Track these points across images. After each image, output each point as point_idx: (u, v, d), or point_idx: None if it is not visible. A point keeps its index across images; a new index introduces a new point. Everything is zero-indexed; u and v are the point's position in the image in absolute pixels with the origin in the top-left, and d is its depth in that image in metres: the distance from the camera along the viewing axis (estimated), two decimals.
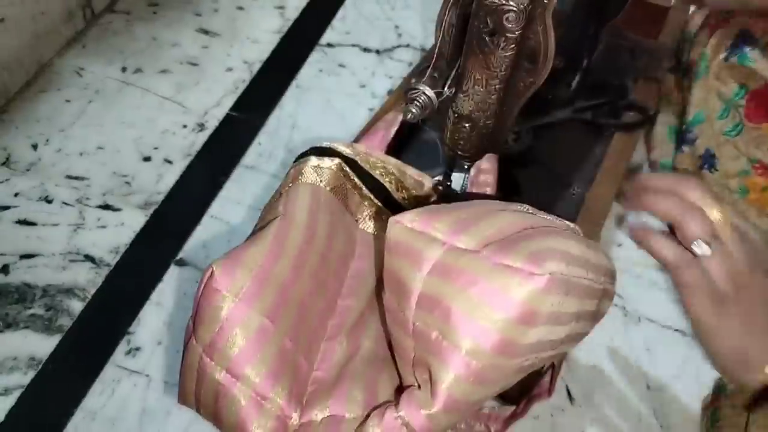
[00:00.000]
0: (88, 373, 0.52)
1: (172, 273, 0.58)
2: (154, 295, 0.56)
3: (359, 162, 0.49)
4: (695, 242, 0.37)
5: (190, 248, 0.60)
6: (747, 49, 0.58)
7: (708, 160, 0.59)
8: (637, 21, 0.72)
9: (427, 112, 0.47)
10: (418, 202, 0.52)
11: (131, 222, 0.61)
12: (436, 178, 0.55)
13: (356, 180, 0.49)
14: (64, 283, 0.57)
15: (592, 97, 0.66)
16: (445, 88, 0.46)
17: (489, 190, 0.50)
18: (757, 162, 0.56)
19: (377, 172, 0.50)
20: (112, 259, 0.58)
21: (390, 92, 0.73)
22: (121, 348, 0.53)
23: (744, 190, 0.56)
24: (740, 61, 0.58)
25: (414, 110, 0.46)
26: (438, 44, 0.45)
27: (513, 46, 0.41)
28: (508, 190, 0.59)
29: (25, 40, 0.71)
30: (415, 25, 0.82)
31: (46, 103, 0.71)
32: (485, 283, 0.32)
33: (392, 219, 0.36)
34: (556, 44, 0.41)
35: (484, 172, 0.51)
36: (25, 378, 0.51)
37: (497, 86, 0.44)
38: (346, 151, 0.49)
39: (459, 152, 0.50)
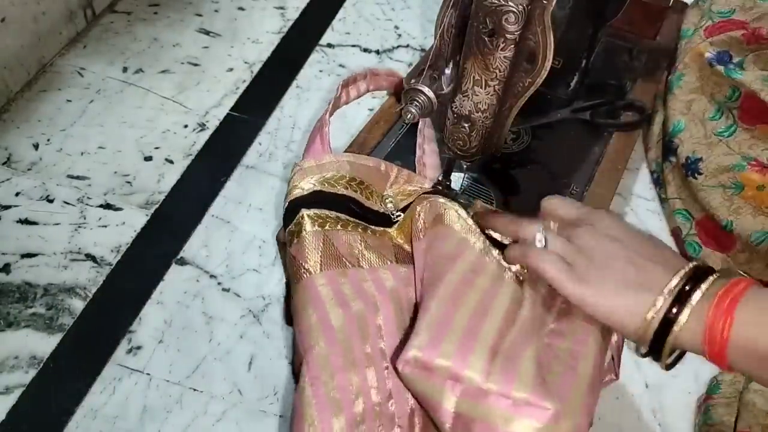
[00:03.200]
0: (89, 371, 0.52)
1: (173, 272, 0.58)
2: (155, 294, 0.57)
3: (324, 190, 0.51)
4: (536, 240, 0.43)
5: (190, 247, 0.60)
6: (731, 66, 0.59)
7: (690, 167, 0.60)
8: (635, 21, 0.73)
9: (427, 112, 0.47)
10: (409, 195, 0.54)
11: (132, 221, 0.61)
12: (436, 179, 0.56)
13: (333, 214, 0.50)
14: (65, 282, 0.57)
15: (591, 97, 0.67)
16: (445, 89, 0.46)
17: (428, 166, 0.56)
18: (753, 160, 0.56)
19: (339, 188, 0.51)
20: (114, 259, 0.59)
21: (390, 92, 0.73)
22: (122, 347, 0.53)
23: (738, 185, 0.56)
24: (727, 73, 0.58)
25: (413, 110, 0.46)
26: (437, 45, 0.45)
27: (512, 46, 0.42)
28: (507, 190, 0.59)
29: (26, 39, 0.71)
30: (414, 26, 0.83)
31: (47, 103, 0.71)
32: (504, 429, 0.38)
33: (399, 360, 0.40)
34: (554, 45, 0.41)
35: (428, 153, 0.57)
36: (26, 377, 0.51)
37: (496, 87, 0.44)
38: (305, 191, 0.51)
39: (459, 152, 0.51)
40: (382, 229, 0.52)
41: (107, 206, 0.63)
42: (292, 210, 0.50)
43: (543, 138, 0.64)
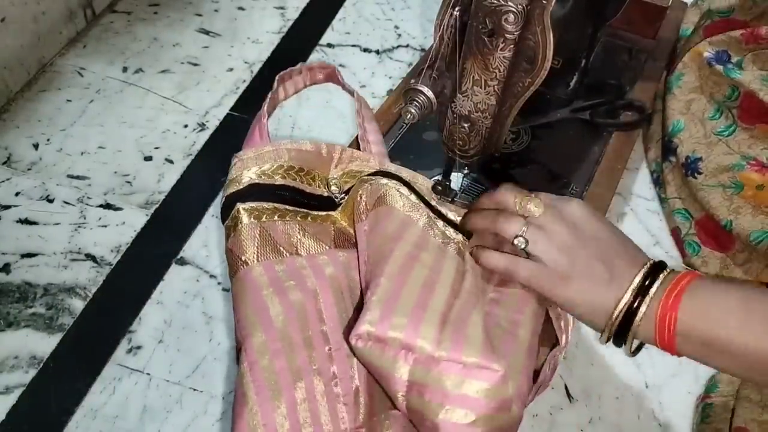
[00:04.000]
0: (89, 371, 0.52)
1: (173, 272, 0.58)
2: (155, 294, 0.57)
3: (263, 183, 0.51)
4: (514, 240, 0.44)
5: (190, 247, 0.60)
6: (729, 66, 0.59)
7: (690, 167, 0.60)
8: (634, 21, 0.73)
9: (427, 113, 0.47)
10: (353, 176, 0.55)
11: (132, 221, 0.61)
12: (436, 178, 0.56)
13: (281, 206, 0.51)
14: (65, 282, 0.57)
15: (591, 97, 0.67)
16: (445, 89, 0.46)
17: (375, 148, 0.57)
18: (753, 159, 0.56)
19: (277, 178, 0.51)
20: (113, 258, 0.59)
21: (390, 92, 0.73)
22: (122, 346, 0.53)
23: (738, 185, 0.56)
24: (726, 73, 0.58)
25: (413, 110, 0.46)
26: (437, 45, 0.45)
27: (512, 46, 0.42)
28: None
29: (26, 39, 0.71)
30: (414, 26, 0.83)
31: (47, 103, 0.71)
32: (456, 393, 0.39)
33: (352, 335, 0.41)
34: (554, 45, 0.41)
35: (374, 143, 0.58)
36: (26, 376, 0.51)
37: (496, 87, 0.45)
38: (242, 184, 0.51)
39: (458, 152, 0.51)
40: (324, 213, 0.53)
41: (107, 206, 0.63)
42: (228, 205, 0.50)
43: (543, 138, 0.64)
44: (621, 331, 0.42)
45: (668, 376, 0.53)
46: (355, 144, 0.60)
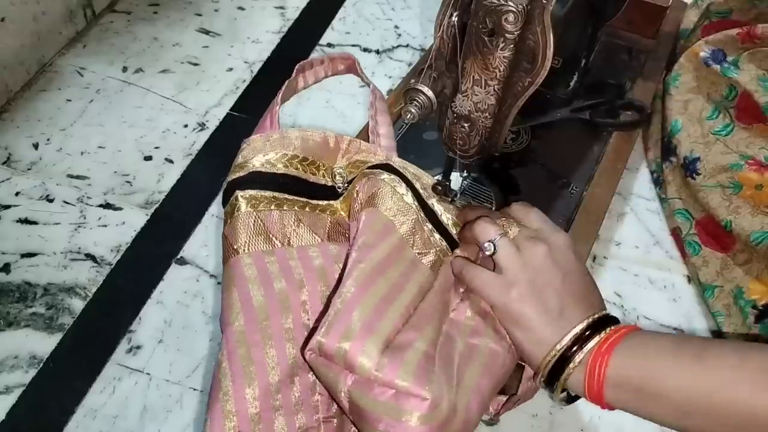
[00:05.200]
0: (89, 371, 0.52)
1: (173, 272, 0.58)
2: (155, 294, 0.57)
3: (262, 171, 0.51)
4: (484, 245, 0.44)
5: (190, 247, 0.60)
6: (725, 64, 0.59)
7: (689, 167, 0.60)
8: (634, 21, 0.73)
9: (427, 113, 0.47)
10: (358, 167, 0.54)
11: (132, 221, 0.61)
12: (436, 178, 0.56)
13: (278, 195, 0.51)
14: (65, 281, 0.57)
15: (590, 97, 0.67)
16: (445, 89, 0.46)
17: (384, 141, 0.57)
18: (751, 158, 0.56)
19: (280, 166, 0.51)
20: (113, 258, 0.59)
21: (390, 92, 0.73)
22: (122, 346, 0.53)
23: (737, 185, 0.56)
24: (723, 72, 0.58)
25: (413, 110, 0.46)
26: (437, 45, 0.45)
27: (512, 46, 0.42)
28: (507, 189, 0.59)
29: (26, 39, 0.71)
30: (414, 26, 0.83)
31: (47, 103, 0.71)
32: (388, 420, 0.39)
33: (306, 349, 0.42)
34: (554, 44, 0.41)
35: (384, 136, 0.57)
36: (26, 376, 0.51)
37: (496, 86, 0.44)
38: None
39: (458, 152, 0.51)
40: (326, 202, 0.53)
41: (107, 206, 0.63)
42: (229, 190, 0.50)
43: (542, 138, 0.64)
44: (553, 375, 0.41)
45: None
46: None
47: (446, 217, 0.51)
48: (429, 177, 0.54)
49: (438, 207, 0.52)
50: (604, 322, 0.41)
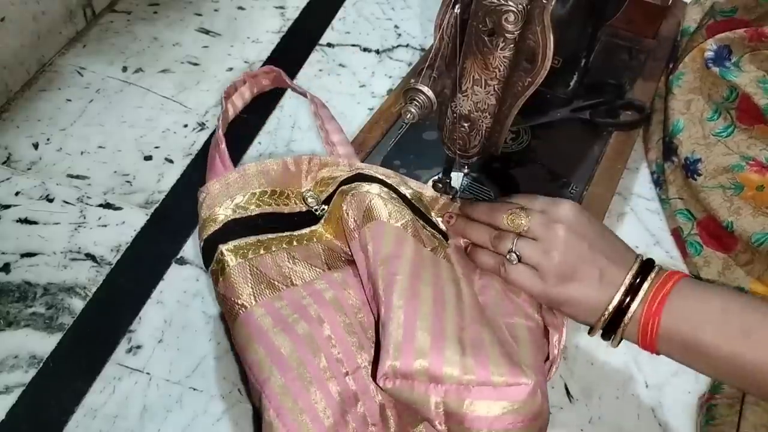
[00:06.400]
0: (89, 371, 0.52)
1: (173, 271, 0.58)
2: (155, 294, 0.57)
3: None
4: (508, 256, 0.47)
5: (190, 247, 0.60)
6: (727, 64, 0.58)
7: (689, 168, 0.60)
8: (635, 21, 0.73)
9: (427, 113, 0.47)
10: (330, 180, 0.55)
11: (132, 221, 0.61)
12: (436, 178, 0.56)
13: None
14: (65, 281, 0.57)
15: (591, 97, 0.67)
16: (445, 89, 0.46)
17: (341, 150, 0.58)
18: (752, 160, 0.56)
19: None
20: (113, 258, 0.59)
21: (390, 92, 0.73)
22: (122, 346, 0.53)
23: (738, 186, 0.56)
24: (722, 74, 0.58)
25: (413, 110, 0.46)
26: (437, 45, 0.45)
27: (512, 46, 0.42)
28: (507, 189, 0.60)
29: (26, 39, 0.71)
30: (414, 25, 0.83)
31: (47, 103, 0.71)
32: (495, 416, 0.39)
33: (378, 376, 0.40)
34: (554, 44, 0.41)
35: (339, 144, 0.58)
36: (26, 376, 0.51)
37: (496, 86, 0.44)
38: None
39: (458, 152, 0.51)
40: (309, 230, 0.52)
41: (107, 206, 0.63)
42: (209, 248, 0.49)
43: (543, 137, 0.64)
44: (608, 329, 0.44)
45: (668, 375, 0.53)
46: (356, 147, 0.60)
47: (410, 192, 0.52)
48: (386, 170, 0.54)
49: (404, 185, 0.52)
50: (646, 269, 0.44)
